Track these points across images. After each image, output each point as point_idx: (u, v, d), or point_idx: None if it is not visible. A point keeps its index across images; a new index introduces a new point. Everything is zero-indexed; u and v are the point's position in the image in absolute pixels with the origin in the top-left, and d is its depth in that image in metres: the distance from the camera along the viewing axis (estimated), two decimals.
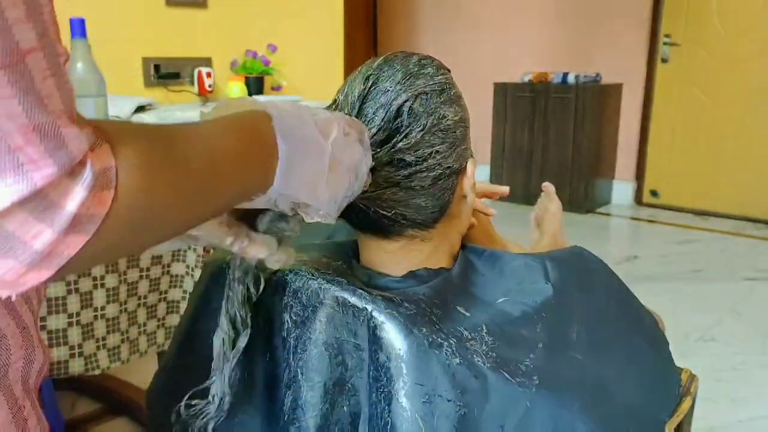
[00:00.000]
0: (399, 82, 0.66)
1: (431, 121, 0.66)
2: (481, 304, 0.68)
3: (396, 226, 0.68)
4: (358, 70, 0.70)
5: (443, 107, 0.67)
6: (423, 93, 0.66)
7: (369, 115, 0.65)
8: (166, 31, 2.24)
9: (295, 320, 0.67)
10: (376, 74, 0.67)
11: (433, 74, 0.68)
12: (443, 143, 0.67)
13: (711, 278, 3.08)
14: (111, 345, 1.22)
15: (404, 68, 0.67)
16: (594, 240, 3.72)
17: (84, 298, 1.17)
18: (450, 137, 0.67)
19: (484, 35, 4.91)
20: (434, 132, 0.66)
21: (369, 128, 0.64)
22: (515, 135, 4.52)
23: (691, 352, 2.31)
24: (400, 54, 0.69)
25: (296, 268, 0.69)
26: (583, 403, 0.64)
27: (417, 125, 0.65)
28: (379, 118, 0.65)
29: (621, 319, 0.78)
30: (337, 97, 0.69)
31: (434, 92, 0.67)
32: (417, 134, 0.65)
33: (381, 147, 0.64)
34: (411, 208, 0.67)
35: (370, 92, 0.65)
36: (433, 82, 0.67)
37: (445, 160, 0.67)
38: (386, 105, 0.65)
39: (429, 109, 0.66)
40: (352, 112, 0.65)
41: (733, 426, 1.87)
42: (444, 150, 0.67)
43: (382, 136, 0.65)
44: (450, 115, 0.68)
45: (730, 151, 4.10)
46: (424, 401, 0.58)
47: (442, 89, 0.68)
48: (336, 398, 0.65)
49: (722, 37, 4.03)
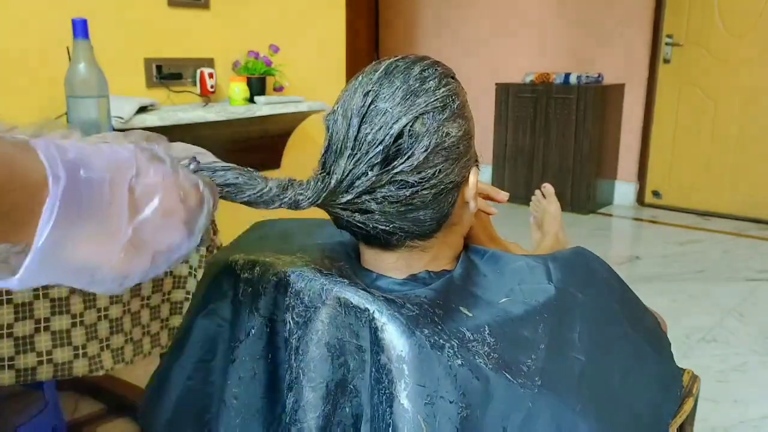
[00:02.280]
0: (399, 102, 0.63)
1: (434, 141, 0.64)
2: (483, 304, 0.68)
3: (394, 239, 0.68)
4: (356, 78, 0.68)
5: (446, 125, 0.65)
6: (425, 113, 0.64)
7: (368, 136, 0.63)
8: (168, 31, 2.25)
9: (297, 321, 0.67)
10: (375, 90, 0.65)
11: (435, 88, 0.65)
12: (446, 161, 0.66)
13: (713, 279, 3.08)
14: (115, 346, 1.22)
15: (405, 84, 0.64)
16: (596, 240, 3.72)
17: (87, 299, 1.17)
18: (454, 153, 0.66)
19: (486, 36, 4.91)
20: (438, 151, 0.64)
21: (368, 150, 0.63)
22: (517, 135, 4.52)
23: (693, 353, 2.31)
24: (401, 63, 0.67)
25: (299, 269, 0.69)
26: (585, 404, 0.64)
27: (419, 147, 0.63)
28: (378, 140, 0.63)
29: (623, 319, 0.77)
30: (335, 108, 0.67)
31: (436, 110, 0.65)
32: (420, 155, 0.64)
33: (382, 168, 0.63)
34: (409, 221, 0.67)
35: (369, 111, 0.64)
36: (435, 98, 0.65)
37: (447, 176, 0.66)
38: (386, 126, 0.63)
39: (431, 128, 0.64)
40: (350, 129, 0.64)
41: (735, 427, 1.87)
42: (447, 167, 0.66)
43: (381, 157, 0.63)
44: (453, 131, 0.66)
45: (733, 151, 4.10)
46: (426, 402, 0.58)
47: (445, 105, 0.65)
48: (338, 399, 0.65)
49: (724, 37, 4.02)
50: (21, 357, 1.13)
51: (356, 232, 0.70)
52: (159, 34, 2.24)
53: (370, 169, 0.63)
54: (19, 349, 1.13)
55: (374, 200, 0.65)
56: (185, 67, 2.32)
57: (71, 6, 1.93)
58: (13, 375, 1.13)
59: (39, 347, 1.14)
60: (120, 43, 2.11)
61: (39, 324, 1.14)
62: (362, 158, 0.64)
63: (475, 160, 0.72)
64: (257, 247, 0.79)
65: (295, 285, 0.68)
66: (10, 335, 1.12)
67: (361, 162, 0.64)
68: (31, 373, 1.15)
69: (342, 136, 0.65)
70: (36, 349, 1.14)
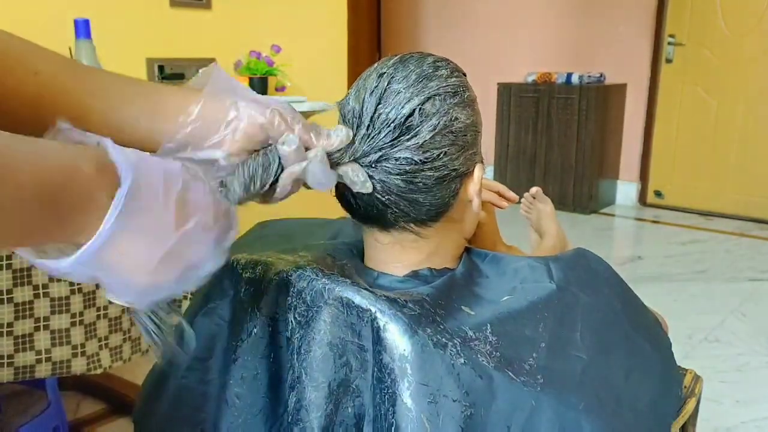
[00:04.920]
0: (412, 84, 0.66)
1: (443, 122, 0.66)
2: (485, 303, 0.68)
3: (389, 213, 0.68)
4: (372, 67, 0.70)
5: (456, 109, 0.67)
6: (436, 95, 0.66)
7: (381, 116, 0.65)
8: (170, 31, 2.25)
9: (300, 321, 0.67)
10: (390, 73, 0.67)
11: (447, 76, 0.68)
12: (452, 145, 0.67)
13: (715, 279, 3.07)
14: (113, 344, 1.23)
15: (418, 69, 0.67)
16: (598, 240, 3.72)
17: (87, 298, 1.17)
18: (460, 140, 0.67)
19: (488, 35, 4.91)
20: (444, 133, 0.66)
21: (380, 129, 0.65)
22: (519, 135, 4.52)
23: (696, 353, 2.30)
24: (416, 54, 0.70)
25: (301, 268, 0.69)
26: (588, 403, 0.64)
27: (427, 125, 0.65)
28: (390, 119, 0.65)
29: (624, 319, 0.77)
30: (349, 92, 0.69)
31: (447, 94, 0.67)
32: (427, 134, 0.65)
33: (390, 144, 0.65)
34: (406, 200, 0.67)
35: (384, 92, 0.66)
36: (447, 84, 0.67)
37: (452, 162, 0.67)
38: (398, 106, 0.65)
39: (441, 110, 0.66)
40: (364, 107, 0.66)
41: (737, 427, 1.87)
42: (453, 152, 0.67)
43: (392, 135, 0.65)
44: (462, 117, 0.67)
45: (735, 151, 4.09)
46: (430, 401, 0.58)
47: (456, 92, 0.67)
48: (340, 399, 0.65)
49: (727, 37, 4.02)
50: (20, 355, 1.14)
51: (354, 207, 0.69)
52: (161, 35, 2.24)
53: (379, 147, 0.65)
54: (18, 347, 1.14)
55: (378, 171, 0.65)
56: (187, 67, 2.32)
57: (73, 6, 1.94)
58: (12, 372, 1.14)
59: (38, 346, 1.15)
60: (122, 43, 2.11)
61: (39, 323, 1.14)
62: (375, 136, 0.65)
63: (481, 159, 0.73)
64: (259, 247, 0.79)
65: (297, 284, 0.68)
66: (9, 333, 1.13)
67: (373, 140, 0.65)
68: (30, 370, 1.15)
69: (357, 113, 0.66)
70: (35, 348, 1.15)
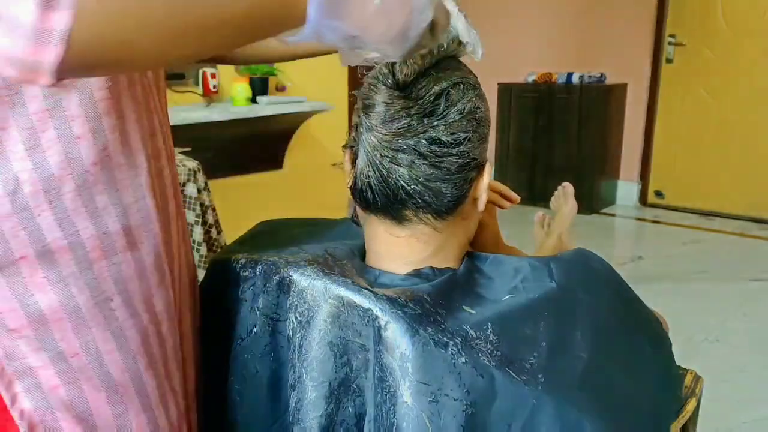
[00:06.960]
0: (441, 68, 0.68)
1: (469, 108, 0.68)
2: (486, 302, 0.68)
3: (410, 203, 0.68)
4: None
5: (478, 100, 0.70)
6: (461, 83, 0.69)
7: (412, 93, 0.66)
8: None
9: (300, 320, 0.67)
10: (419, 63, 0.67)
11: (468, 71, 0.72)
12: (475, 132, 0.69)
13: (716, 279, 3.07)
14: None
15: (445, 61, 0.69)
16: (598, 241, 3.72)
17: None
18: (480, 129, 0.70)
19: (488, 35, 4.89)
20: (470, 119, 0.68)
21: (412, 105, 0.66)
22: (519, 135, 4.51)
23: (697, 353, 2.30)
24: None
25: (302, 268, 0.69)
26: (588, 402, 0.64)
27: (455, 109, 0.67)
28: (420, 95, 0.66)
29: (625, 319, 0.78)
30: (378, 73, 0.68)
31: (470, 85, 0.70)
32: (455, 116, 0.67)
33: (421, 122, 0.66)
34: (431, 190, 0.67)
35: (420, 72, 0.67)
36: (471, 76, 0.71)
37: (473, 149, 0.69)
38: (427, 87, 0.66)
39: (466, 97, 0.68)
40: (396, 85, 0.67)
41: (738, 427, 1.87)
42: (475, 139, 0.69)
43: (422, 114, 0.66)
44: (482, 107, 0.70)
45: (736, 151, 4.09)
46: (431, 400, 0.58)
47: (475, 86, 0.71)
48: (341, 399, 0.65)
49: (727, 37, 4.02)
50: None
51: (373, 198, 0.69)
52: None
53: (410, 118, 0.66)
54: None
55: (407, 148, 0.66)
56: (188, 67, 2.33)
57: None
58: None
59: None
60: None
61: None
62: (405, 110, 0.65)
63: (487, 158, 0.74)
64: (260, 246, 0.79)
65: (298, 284, 0.68)
66: None
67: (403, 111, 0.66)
68: None
69: None
70: None
